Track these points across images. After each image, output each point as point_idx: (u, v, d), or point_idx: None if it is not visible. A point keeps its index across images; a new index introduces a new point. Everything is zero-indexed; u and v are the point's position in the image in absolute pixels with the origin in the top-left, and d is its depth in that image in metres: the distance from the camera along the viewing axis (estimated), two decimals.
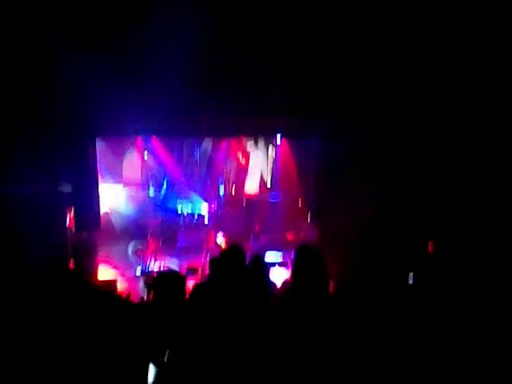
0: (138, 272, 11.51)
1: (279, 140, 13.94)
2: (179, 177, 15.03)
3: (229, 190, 15.51)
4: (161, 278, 3.58)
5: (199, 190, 15.01)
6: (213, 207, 14.72)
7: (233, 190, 15.51)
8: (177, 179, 15.00)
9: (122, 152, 14.48)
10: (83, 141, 9.91)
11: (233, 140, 14.90)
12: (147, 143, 14.37)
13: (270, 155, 15.18)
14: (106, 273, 11.37)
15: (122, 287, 10.28)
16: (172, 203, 14.71)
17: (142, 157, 14.58)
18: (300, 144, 13.08)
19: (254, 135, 14.11)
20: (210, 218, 14.55)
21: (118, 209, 14.18)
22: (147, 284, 3.42)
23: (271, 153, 15.14)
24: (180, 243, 13.59)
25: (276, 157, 14.78)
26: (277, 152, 14.74)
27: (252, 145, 15.06)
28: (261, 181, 15.41)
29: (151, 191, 14.79)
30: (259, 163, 15.17)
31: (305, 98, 8.95)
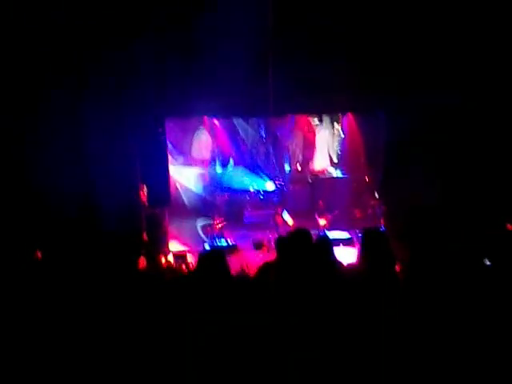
0: (207, 247, 11.96)
1: (345, 116, 13.63)
2: (245, 155, 15.23)
3: (294, 167, 15.48)
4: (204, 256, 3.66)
5: (264, 168, 15.14)
6: (278, 184, 14.80)
7: (298, 167, 15.46)
8: (242, 157, 15.22)
9: (191, 132, 14.89)
10: (154, 121, 10.33)
11: (298, 117, 14.77)
12: (213, 122, 14.68)
13: (336, 131, 14.88)
14: (177, 246, 11.98)
15: (191, 261, 10.79)
16: (238, 181, 14.97)
17: (210, 135, 14.93)
18: (367, 120, 12.69)
19: (320, 112, 13.87)
20: (276, 195, 14.66)
21: (188, 186, 14.71)
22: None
23: (337, 129, 14.83)
24: (246, 219, 13.89)
25: (342, 133, 14.48)
26: (343, 128, 14.43)
27: (317, 121, 14.82)
28: (329, 157, 15.21)
29: (218, 168, 15.15)
30: (325, 139, 14.95)
31: (370, 74, 8.69)
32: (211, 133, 14.94)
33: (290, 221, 13.02)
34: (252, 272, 8.58)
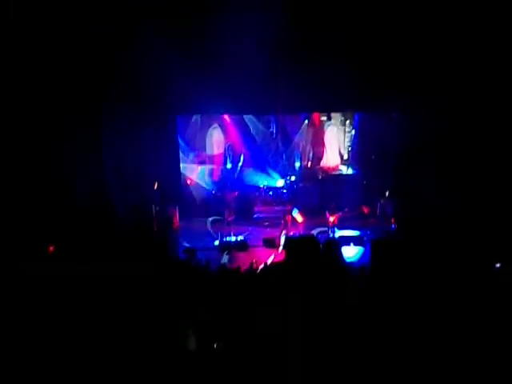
0: (217, 242, 12.05)
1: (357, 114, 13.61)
2: (256, 152, 15.28)
3: (304, 164, 15.50)
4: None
5: (275, 165, 15.17)
6: (288, 181, 14.84)
7: (308, 164, 15.48)
8: (253, 154, 15.27)
9: (204, 129, 14.97)
10: (165, 119, 10.43)
11: (308, 114, 14.77)
12: (225, 120, 14.75)
13: (348, 129, 14.86)
14: (187, 242, 12.08)
15: (202, 256, 10.88)
16: (249, 177, 15.04)
17: (223, 132, 15.01)
18: (379, 119, 12.65)
19: (331, 110, 13.85)
20: (286, 192, 14.70)
21: (199, 182, 14.81)
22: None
23: (348, 126, 14.81)
24: (256, 216, 13.95)
25: (354, 131, 14.45)
26: (355, 126, 14.40)
27: (326, 119, 14.81)
28: (339, 154, 15.20)
29: (229, 165, 15.23)
30: (336, 137, 14.93)
31: (383, 73, 8.66)
32: (223, 130, 15.02)
33: (300, 218, 13.06)
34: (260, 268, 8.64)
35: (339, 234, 12.04)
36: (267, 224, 13.26)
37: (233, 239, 12.11)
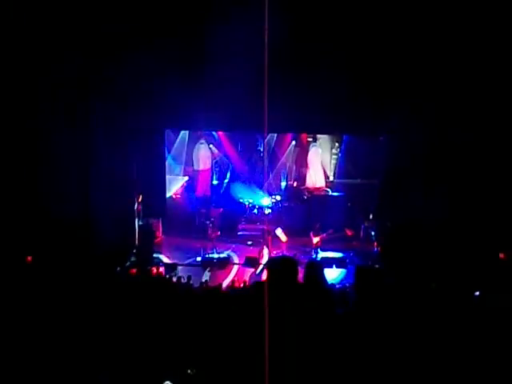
0: (199, 258, 11.93)
1: (342, 137, 13.76)
2: (242, 169, 15.30)
3: (290, 183, 15.56)
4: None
5: (261, 183, 15.19)
6: (274, 200, 14.85)
7: (294, 184, 15.54)
8: (240, 171, 15.28)
9: (191, 143, 14.96)
10: (153, 133, 10.40)
11: (297, 135, 14.89)
12: (213, 136, 14.78)
13: (334, 150, 14.98)
14: (169, 257, 11.94)
15: (184, 271, 10.75)
16: (234, 194, 15.01)
17: (210, 148, 15.01)
18: (366, 142, 12.81)
19: (318, 133, 13.98)
20: (271, 211, 14.70)
21: (184, 196, 14.73)
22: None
23: (336, 148, 14.94)
24: (240, 233, 13.88)
25: (340, 152, 14.59)
26: (341, 148, 14.54)
27: (312, 140, 14.94)
28: (323, 175, 15.29)
29: (215, 181, 15.22)
30: (318, 157, 15.04)
31: (371, 97, 8.81)
32: (210, 146, 15.04)
33: (284, 237, 13.02)
34: (242, 286, 8.57)
35: (322, 256, 12.04)
36: (251, 243, 13.18)
37: (215, 256, 12.00)
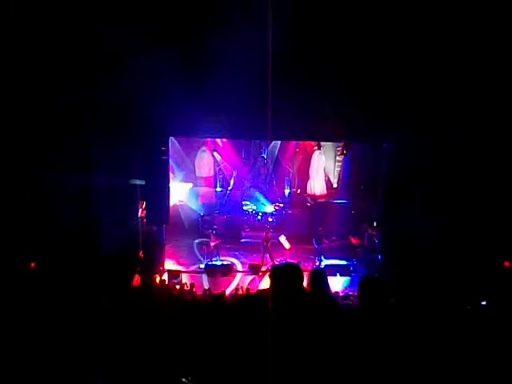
0: (202, 265, 11.93)
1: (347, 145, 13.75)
2: (246, 176, 15.32)
3: (294, 190, 15.56)
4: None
5: (265, 190, 15.20)
6: (277, 207, 14.85)
7: (298, 191, 15.53)
8: (243, 178, 15.31)
9: (194, 151, 15.02)
10: (157, 140, 10.43)
11: (300, 142, 14.91)
12: (216, 143, 14.83)
13: (338, 158, 14.96)
14: (173, 264, 11.94)
15: (187, 279, 10.75)
16: (238, 201, 15.03)
17: (212, 156, 15.05)
18: (370, 149, 12.80)
19: (321, 139, 13.96)
20: (274, 218, 14.69)
21: (187, 203, 14.75)
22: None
23: (338, 155, 14.92)
24: (243, 240, 13.88)
25: (344, 160, 14.57)
26: (345, 155, 14.51)
27: (317, 147, 14.93)
28: (327, 182, 15.27)
29: (218, 188, 15.24)
30: (322, 165, 15.02)
31: (375, 105, 8.82)
32: (213, 153, 15.08)
33: (287, 245, 13.01)
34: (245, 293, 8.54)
35: (326, 263, 12.00)
36: (254, 249, 13.17)
37: (218, 263, 12.00)
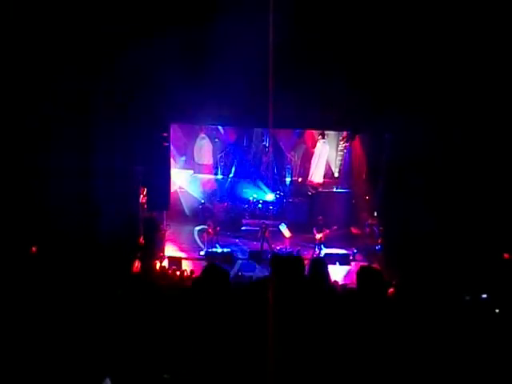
0: (202, 252, 11.98)
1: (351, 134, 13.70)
2: (247, 164, 15.29)
3: (295, 179, 15.54)
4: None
5: (266, 178, 15.19)
6: (278, 195, 14.85)
7: (299, 179, 15.51)
8: (245, 166, 15.28)
9: (194, 136, 14.97)
10: (159, 127, 10.40)
11: (302, 131, 14.86)
12: (218, 130, 14.78)
13: (340, 147, 14.91)
14: (173, 251, 12.00)
15: (187, 266, 10.81)
16: (239, 189, 15.03)
17: (213, 143, 15.01)
18: (371, 139, 12.76)
19: (323, 128, 13.91)
20: (275, 206, 14.70)
21: (188, 190, 14.76)
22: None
23: (342, 145, 14.87)
24: (244, 228, 13.91)
25: (346, 149, 14.52)
26: (347, 145, 14.47)
27: (319, 136, 14.88)
28: (328, 171, 15.24)
29: (219, 176, 15.22)
30: (325, 154, 14.97)
31: (376, 95, 8.77)
32: (215, 140, 15.03)
33: (287, 233, 13.04)
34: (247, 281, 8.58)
35: (325, 252, 12.04)
36: (255, 237, 13.21)
37: (219, 250, 12.04)
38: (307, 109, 9.48)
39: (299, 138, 15.24)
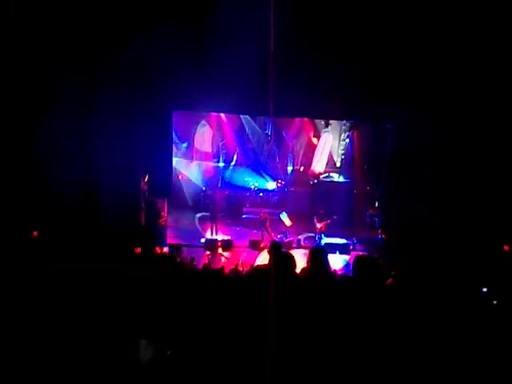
0: (203, 240, 12.02)
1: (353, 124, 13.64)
2: (249, 153, 15.25)
3: (297, 168, 15.50)
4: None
5: (267, 167, 15.16)
6: (279, 184, 14.83)
7: (301, 168, 15.47)
8: (246, 154, 15.24)
9: (195, 124, 14.89)
10: (161, 114, 10.38)
11: (305, 120, 14.78)
12: (220, 118, 14.70)
13: (343, 137, 14.85)
14: (174, 237, 12.03)
15: (188, 253, 10.84)
16: (240, 178, 15.00)
17: (214, 131, 14.95)
18: (374, 129, 12.70)
19: (325, 117, 13.84)
20: (276, 195, 14.70)
21: (190, 178, 14.76)
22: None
23: (344, 134, 14.81)
24: (245, 216, 13.93)
25: (349, 139, 14.48)
26: (350, 135, 14.42)
27: (323, 125, 14.81)
28: (330, 161, 15.20)
29: (221, 163, 15.19)
30: (329, 143, 14.93)
31: (379, 84, 8.72)
32: (217, 128, 14.97)
33: (288, 222, 13.06)
34: (246, 270, 8.63)
35: (326, 241, 12.07)
36: (255, 226, 13.23)
37: (219, 238, 12.08)
38: (310, 97, 9.43)
39: (302, 127, 15.16)
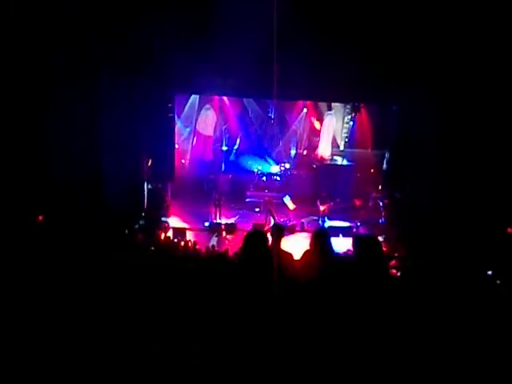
0: (207, 224, 12.06)
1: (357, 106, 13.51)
2: (252, 136, 15.19)
3: (300, 151, 15.46)
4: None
5: (270, 150, 15.12)
6: (283, 168, 14.81)
7: (304, 152, 15.43)
8: (250, 137, 15.18)
9: (199, 108, 14.82)
10: (164, 98, 10.33)
11: (308, 103, 14.67)
12: (223, 101, 14.61)
13: (346, 119, 14.75)
14: (177, 222, 12.08)
15: (191, 237, 10.91)
16: (243, 161, 14.98)
17: (217, 114, 14.87)
18: (379, 112, 12.60)
19: (329, 100, 13.72)
20: (280, 179, 14.69)
21: (193, 162, 14.75)
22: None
23: (347, 117, 14.71)
24: (248, 200, 13.95)
25: (352, 122, 14.38)
26: (353, 117, 14.31)
27: (326, 108, 14.70)
28: (333, 144, 15.13)
29: (224, 147, 15.16)
30: (334, 126, 14.84)
31: (384, 67, 8.63)
32: (219, 111, 14.89)
33: (291, 205, 13.08)
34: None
35: (329, 224, 12.09)
36: (258, 210, 13.26)
37: (223, 221, 12.12)
38: (313, 80, 9.35)
39: (305, 111, 15.06)
